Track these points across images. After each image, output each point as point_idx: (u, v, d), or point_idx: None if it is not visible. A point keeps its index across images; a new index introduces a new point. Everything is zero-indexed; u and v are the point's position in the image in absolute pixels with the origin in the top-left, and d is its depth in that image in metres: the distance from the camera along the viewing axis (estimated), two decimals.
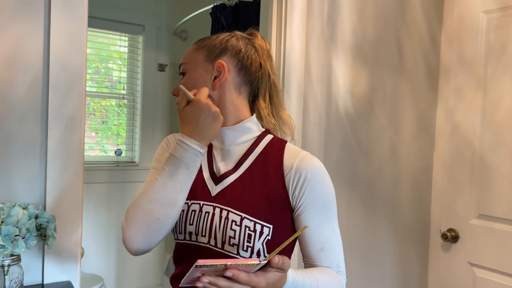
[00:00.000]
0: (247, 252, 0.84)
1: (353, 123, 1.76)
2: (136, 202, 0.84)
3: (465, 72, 1.87)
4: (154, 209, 0.83)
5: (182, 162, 0.84)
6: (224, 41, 0.94)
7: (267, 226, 0.85)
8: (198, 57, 0.93)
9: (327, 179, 0.90)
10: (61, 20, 1.18)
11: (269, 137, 0.95)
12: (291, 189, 0.88)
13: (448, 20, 1.97)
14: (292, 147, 0.93)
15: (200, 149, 0.84)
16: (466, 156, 1.85)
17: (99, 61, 3.02)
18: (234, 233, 0.84)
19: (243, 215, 0.85)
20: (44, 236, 1.08)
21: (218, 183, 0.91)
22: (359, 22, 1.76)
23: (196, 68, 0.92)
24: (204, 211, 0.88)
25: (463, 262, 1.84)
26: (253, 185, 0.89)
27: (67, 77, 1.19)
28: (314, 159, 0.90)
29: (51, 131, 1.17)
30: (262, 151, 0.92)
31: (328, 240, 0.89)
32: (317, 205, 0.88)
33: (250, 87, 0.95)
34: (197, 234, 0.88)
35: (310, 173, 0.87)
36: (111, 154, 3.06)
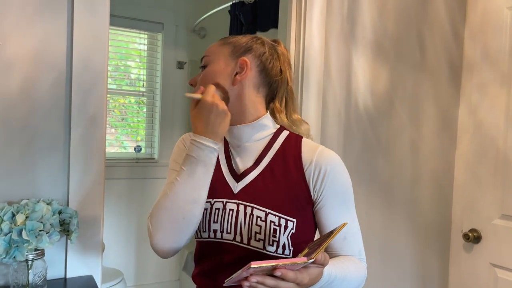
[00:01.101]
0: (272, 246, 0.87)
1: (373, 121, 1.74)
2: (159, 205, 0.86)
3: (489, 68, 1.83)
4: (178, 208, 0.85)
5: (199, 160, 0.86)
6: (250, 41, 0.97)
7: (291, 220, 0.88)
8: (222, 52, 0.96)
9: (344, 171, 0.94)
10: (83, 18, 1.20)
11: (285, 133, 0.98)
12: (312, 183, 0.91)
13: (471, 15, 1.93)
14: (308, 142, 0.96)
15: (214, 145, 0.87)
16: (489, 154, 1.80)
17: (118, 59, 3.06)
18: (260, 229, 0.87)
19: (267, 211, 0.88)
20: (67, 231, 1.10)
21: (239, 180, 0.93)
22: (379, 18, 1.73)
23: (219, 61, 0.94)
24: (228, 209, 0.90)
25: (485, 263, 1.81)
26: (275, 180, 0.91)
27: (90, 75, 1.21)
28: (331, 153, 0.93)
29: (74, 128, 1.19)
30: (280, 147, 0.95)
31: (350, 229, 0.92)
32: (338, 197, 0.91)
33: (269, 89, 0.98)
34: (222, 232, 0.90)
35: (330, 166, 0.90)
36: (131, 151, 3.10)
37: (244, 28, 2.30)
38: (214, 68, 0.94)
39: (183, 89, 3.19)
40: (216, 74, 0.93)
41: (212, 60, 0.95)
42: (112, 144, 3.08)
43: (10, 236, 0.98)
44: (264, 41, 0.99)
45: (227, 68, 0.93)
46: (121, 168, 3.00)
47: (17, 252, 0.99)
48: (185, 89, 3.20)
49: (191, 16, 3.17)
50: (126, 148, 3.12)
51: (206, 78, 0.94)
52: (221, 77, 0.93)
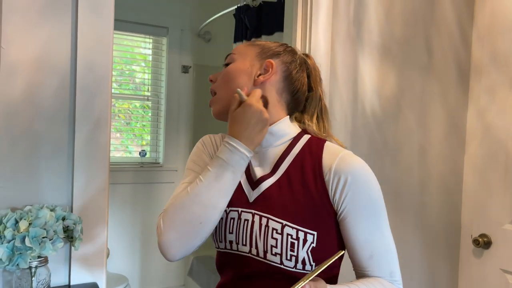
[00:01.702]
0: (291, 261, 0.80)
1: (380, 124, 1.72)
2: (177, 203, 0.80)
3: (498, 71, 1.80)
4: (198, 211, 0.79)
5: (229, 165, 0.81)
6: (281, 47, 0.94)
7: (310, 233, 0.80)
8: (249, 51, 0.92)
9: (371, 180, 0.83)
10: (88, 22, 1.19)
11: (306, 136, 0.91)
12: (331, 193, 0.82)
13: (479, 17, 1.91)
14: (332, 146, 0.88)
15: (247, 153, 0.82)
16: (499, 158, 1.77)
17: (123, 63, 3.06)
18: (276, 242, 0.80)
19: (284, 222, 0.81)
20: (71, 237, 1.08)
21: (254, 188, 0.87)
22: (386, 21, 1.71)
23: (245, 60, 0.91)
24: (243, 219, 0.84)
25: (496, 269, 1.77)
26: (292, 189, 0.84)
27: (94, 79, 1.20)
28: (355, 159, 0.83)
29: (78, 133, 1.18)
30: (299, 152, 0.88)
31: (378, 247, 0.82)
32: (362, 210, 0.81)
33: (291, 98, 0.92)
34: (237, 243, 0.84)
35: (351, 175, 0.81)
36: (135, 155, 3.09)
37: (249, 32, 2.29)
38: (238, 66, 0.90)
39: (188, 93, 3.19)
40: (240, 72, 0.89)
41: (237, 58, 0.92)
42: (117, 148, 3.08)
43: (13, 243, 0.96)
44: (295, 50, 0.96)
45: (252, 68, 0.89)
46: (125, 172, 3.00)
47: (20, 260, 0.97)
48: (190, 93, 3.19)
49: (196, 20, 3.17)
50: (131, 152, 3.12)
51: (229, 74, 0.90)
52: (244, 75, 0.89)
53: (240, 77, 0.89)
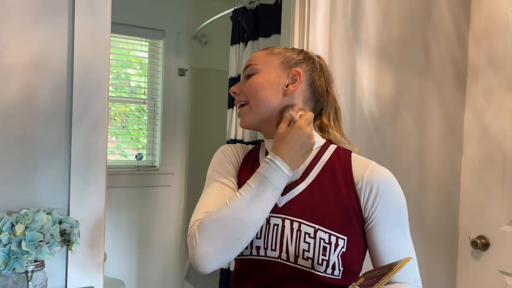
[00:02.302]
0: (322, 266, 0.81)
1: (378, 126, 1.72)
2: (215, 216, 0.79)
3: (494, 73, 1.80)
4: (237, 227, 0.78)
5: (270, 182, 0.81)
6: (301, 54, 0.95)
7: (341, 237, 0.82)
8: (272, 61, 0.93)
9: (399, 191, 0.87)
10: (85, 25, 1.18)
11: (333, 146, 0.94)
12: (363, 201, 0.85)
13: (475, 19, 1.91)
14: (359, 157, 0.91)
15: (288, 173, 0.82)
16: (496, 160, 1.78)
17: (119, 66, 3.05)
18: (308, 246, 0.81)
19: (316, 227, 0.82)
20: (68, 241, 1.07)
21: (284, 193, 0.87)
22: (383, 23, 1.72)
23: (271, 71, 0.91)
24: (272, 224, 0.84)
25: (494, 270, 1.77)
26: (323, 195, 0.86)
27: (91, 82, 1.19)
28: (385, 171, 0.87)
29: (74, 136, 1.17)
30: (328, 160, 0.90)
31: (404, 253, 0.85)
32: (391, 218, 0.85)
33: (315, 105, 0.96)
34: (266, 249, 0.84)
35: (383, 185, 0.85)
36: (132, 159, 3.07)
37: (246, 34, 2.29)
38: (265, 77, 0.91)
39: (184, 96, 3.18)
40: (268, 83, 0.90)
41: (262, 69, 0.92)
42: (113, 152, 3.06)
43: (9, 247, 0.95)
44: (312, 56, 0.98)
45: (279, 79, 0.91)
46: (122, 176, 2.98)
47: (16, 264, 0.96)
48: (187, 96, 3.18)
49: (192, 23, 3.16)
50: (127, 156, 3.10)
51: (256, 86, 0.91)
52: (273, 87, 0.90)
53: (269, 88, 0.90)
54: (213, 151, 3.55)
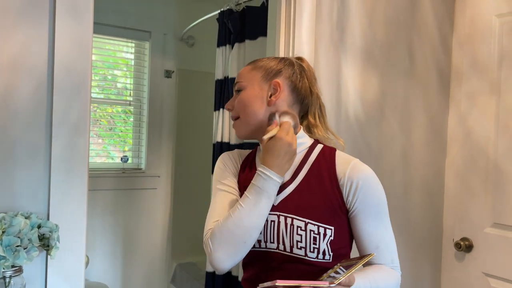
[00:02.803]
0: (313, 253, 0.95)
1: (363, 129, 1.72)
2: (223, 227, 0.93)
3: (477, 77, 1.83)
4: (241, 233, 0.93)
5: (264, 191, 0.94)
6: (280, 63, 1.05)
7: (329, 228, 0.96)
8: (255, 76, 1.04)
9: (377, 186, 1.00)
10: (66, 25, 1.16)
11: (319, 146, 1.05)
12: (345, 195, 0.97)
13: (459, 23, 1.94)
14: (342, 154, 1.03)
15: (278, 179, 0.95)
16: (479, 162, 1.80)
17: (106, 68, 3.02)
18: (301, 237, 0.95)
19: (306, 221, 0.95)
20: (47, 246, 1.05)
21: (278, 193, 0.99)
22: (369, 26, 1.72)
23: (254, 86, 1.03)
24: (270, 220, 0.98)
25: (478, 272, 1.79)
26: (311, 192, 0.98)
27: (72, 82, 1.17)
28: (364, 167, 1.00)
29: (55, 137, 1.15)
30: (315, 160, 1.02)
31: (382, 239, 0.99)
32: (370, 209, 0.98)
33: (301, 106, 1.06)
34: (265, 242, 0.98)
35: (362, 180, 0.97)
36: (118, 161, 3.04)
37: (233, 36, 2.28)
38: (249, 92, 1.03)
39: (171, 98, 3.15)
40: (252, 98, 1.02)
41: (246, 85, 1.04)
42: (99, 154, 3.02)
43: None
44: (292, 61, 1.07)
45: (262, 91, 1.02)
46: (107, 178, 2.94)
47: None
48: (174, 98, 3.16)
49: (179, 25, 3.15)
50: (113, 158, 3.06)
51: (243, 102, 1.03)
52: (257, 100, 1.02)
53: (254, 102, 1.02)
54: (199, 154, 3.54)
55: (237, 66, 2.26)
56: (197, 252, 3.21)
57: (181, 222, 3.22)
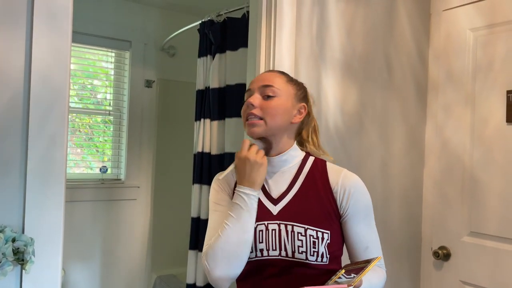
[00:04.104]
0: (313, 256, 1.01)
1: (343, 140, 1.74)
2: (214, 246, 1.01)
3: (453, 89, 1.87)
4: (231, 249, 1.00)
5: (243, 208, 1.02)
6: (303, 89, 1.16)
7: (326, 232, 1.03)
8: (290, 91, 1.11)
9: (366, 191, 1.10)
10: (44, 33, 1.14)
11: (311, 158, 1.14)
12: (339, 201, 1.07)
13: (435, 37, 1.99)
14: (332, 165, 1.13)
15: (252, 193, 1.04)
16: (456, 172, 1.84)
17: (85, 77, 2.98)
18: (302, 242, 1.02)
19: (306, 226, 1.03)
20: (22, 260, 1.02)
21: (276, 203, 1.08)
22: (348, 39, 1.76)
23: (288, 99, 1.09)
24: (271, 229, 1.04)
25: (455, 280, 1.82)
26: (307, 200, 1.07)
27: (50, 93, 1.15)
28: (354, 176, 1.10)
29: (31, 149, 1.12)
30: (309, 171, 1.11)
31: (371, 239, 1.09)
32: (361, 213, 1.07)
33: (301, 125, 1.17)
34: (268, 250, 1.04)
35: (353, 188, 1.07)
36: (97, 171, 2.99)
37: (214, 47, 2.29)
38: (284, 104, 1.08)
39: (151, 108, 3.13)
40: (285, 110, 1.08)
41: (281, 95, 1.08)
42: (78, 164, 2.97)
43: None
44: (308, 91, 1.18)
45: (293, 108, 1.10)
46: (85, 190, 2.89)
47: None
48: (154, 108, 3.14)
49: (159, 34, 3.14)
50: (92, 169, 3.01)
51: (276, 110, 1.07)
52: (287, 114, 1.08)
53: (284, 115, 1.08)
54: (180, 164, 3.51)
55: (218, 76, 2.27)
56: (178, 264, 3.17)
57: (161, 234, 3.17)
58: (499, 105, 1.70)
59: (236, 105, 2.15)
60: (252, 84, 1.12)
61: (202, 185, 2.32)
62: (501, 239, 1.68)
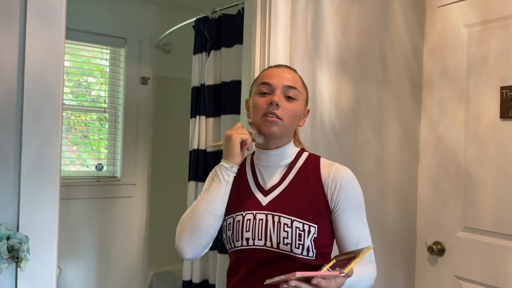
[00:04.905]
0: (298, 249, 1.02)
1: (338, 136, 1.75)
2: (184, 215, 1.08)
3: (447, 85, 1.88)
4: (196, 217, 1.05)
5: (214, 179, 1.08)
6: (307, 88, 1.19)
7: (313, 225, 1.03)
8: (304, 95, 1.14)
9: (357, 185, 1.09)
10: (37, 31, 1.14)
11: (305, 154, 1.16)
12: (330, 195, 1.07)
13: (430, 33, 1.99)
14: (325, 160, 1.14)
15: (225, 164, 1.08)
16: (450, 168, 1.85)
17: (80, 74, 2.97)
18: (287, 234, 1.02)
19: (292, 218, 1.03)
20: (17, 258, 1.02)
21: (267, 194, 1.09)
22: (343, 35, 1.76)
23: (302, 104, 1.13)
24: (258, 219, 1.06)
25: (450, 275, 1.83)
26: (298, 193, 1.07)
27: (44, 90, 1.15)
28: (346, 170, 1.10)
29: (25, 146, 1.12)
30: (301, 165, 1.12)
31: (362, 234, 1.07)
32: (352, 207, 1.06)
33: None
34: (253, 239, 1.05)
35: (345, 181, 1.07)
36: (92, 169, 2.98)
37: (209, 44, 2.29)
38: (300, 108, 1.11)
39: (147, 105, 3.13)
40: (299, 114, 1.12)
41: (300, 99, 1.11)
42: (74, 162, 2.96)
43: None
44: None
45: (304, 111, 1.15)
46: (81, 187, 2.88)
47: None
48: (149, 105, 3.14)
49: (155, 31, 3.13)
50: (88, 166, 3.01)
51: (294, 113, 1.09)
52: (299, 117, 1.12)
53: (298, 118, 1.12)
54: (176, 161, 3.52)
55: (213, 73, 2.26)
56: (174, 261, 3.17)
57: (158, 231, 3.17)
58: (493, 101, 1.71)
59: (231, 102, 2.15)
60: (272, 78, 1.09)
61: (198, 182, 2.32)
62: (495, 234, 1.69)
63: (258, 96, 1.10)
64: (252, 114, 1.12)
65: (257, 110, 1.09)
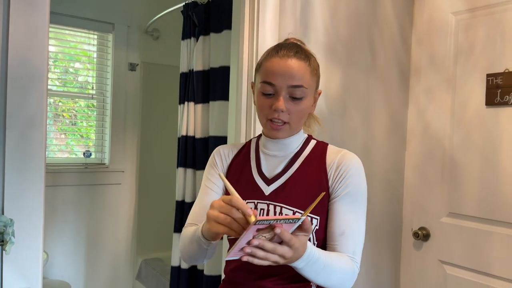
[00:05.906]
0: None
1: (327, 123, 1.75)
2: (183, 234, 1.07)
3: (435, 72, 1.89)
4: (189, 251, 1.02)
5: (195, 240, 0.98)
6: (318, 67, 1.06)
7: (315, 217, 0.99)
8: (313, 84, 1.03)
9: (361, 174, 1.03)
10: (21, 14, 1.12)
11: (313, 142, 1.11)
12: (331, 180, 1.02)
13: (418, 21, 2.00)
14: (333, 147, 1.09)
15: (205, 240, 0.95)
16: (436, 155, 1.87)
17: (67, 60, 2.92)
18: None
19: (294, 209, 0.99)
20: (2, 241, 1.01)
21: (270, 184, 1.05)
22: (331, 22, 1.75)
23: (310, 96, 1.03)
24: (259, 208, 1.03)
25: (434, 260, 1.86)
26: (301, 184, 1.03)
27: (27, 73, 1.13)
28: (352, 156, 1.04)
29: (9, 130, 1.11)
30: (308, 155, 1.07)
31: (350, 226, 0.99)
32: (348, 194, 1.00)
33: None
34: None
35: (347, 166, 1.01)
36: (81, 156, 2.96)
37: (197, 29, 2.27)
38: (309, 103, 1.03)
39: (135, 92, 3.10)
40: (307, 109, 1.04)
41: (308, 94, 1.01)
42: (62, 149, 2.94)
43: None
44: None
45: (313, 101, 1.05)
46: (69, 174, 2.86)
47: None
48: (138, 92, 3.11)
49: (143, 17, 3.09)
50: (76, 154, 2.98)
51: (302, 114, 1.02)
52: (308, 111, 1.04)
53: (306, 113, 1.05)
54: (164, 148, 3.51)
55: (202, 59, 2.25)
56: (163, 248, 3.18)
57: (146, 218, 3.18)
58: (479, 89, 1.73)
59: (220, 88, 2.15)
60: (276, 78, 0.98)
61: (187, 169, 2.32)
62: (478, 219, 1.72)
63: (261, 95, 1.01)
64: (257, 111, 1.06)
65: (261, 110, 1.03)
